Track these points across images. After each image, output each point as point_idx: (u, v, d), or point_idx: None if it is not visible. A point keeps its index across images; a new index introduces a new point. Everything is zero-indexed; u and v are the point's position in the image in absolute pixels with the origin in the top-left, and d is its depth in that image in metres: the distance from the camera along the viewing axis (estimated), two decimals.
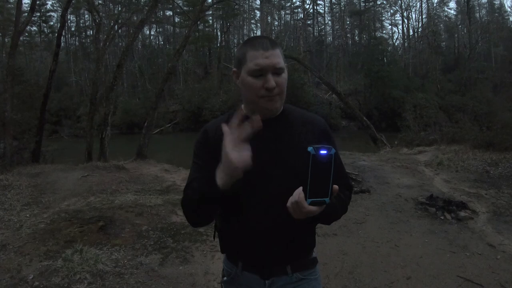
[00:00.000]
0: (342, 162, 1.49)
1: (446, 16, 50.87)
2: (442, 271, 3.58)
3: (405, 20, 46.24)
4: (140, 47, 45.03)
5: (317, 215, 1.16)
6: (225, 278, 1.46)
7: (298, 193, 1.13)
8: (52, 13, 47.82)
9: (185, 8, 37.31)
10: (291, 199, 1.15)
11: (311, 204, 1.12)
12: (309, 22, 52.33)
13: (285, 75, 1.31)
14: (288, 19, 54.49)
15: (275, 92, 1.28)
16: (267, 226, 1.28)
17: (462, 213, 5.07)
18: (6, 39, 33.90)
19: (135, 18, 23.09)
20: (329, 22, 54.09)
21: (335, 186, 1.12)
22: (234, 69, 1.36)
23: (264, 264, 1.36)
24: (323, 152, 1.09)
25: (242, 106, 1.40)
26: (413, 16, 53.43)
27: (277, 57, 1.28)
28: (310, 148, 1.09)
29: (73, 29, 49.12)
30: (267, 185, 1.29)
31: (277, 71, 1.28)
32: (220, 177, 1.16)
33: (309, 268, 1.42)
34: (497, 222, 4.91)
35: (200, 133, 1.42)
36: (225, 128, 1.14)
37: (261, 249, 1.32)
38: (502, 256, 3.87)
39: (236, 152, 1.11)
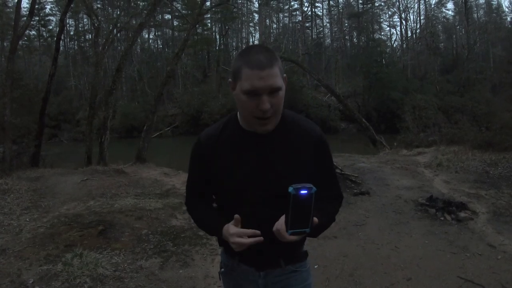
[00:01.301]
0: (335, 172, 1.53)
1: (444, 17, 50.99)
2: (442, 272, 3.57)
3: (403, 22, 46.31)
4: (139, 50, 45.05)
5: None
6: (222, 270, 1.56)
7: (281, 223, 1.23)
8: (51, 17, 47.90)
9: (183, 11, 37.38)
10: (276, 226, 1.25)
11: (292, 234, 1.22)
12: (307, 24, 52.34)
13: (281, 92, 1.27)
14: (287, 22, 54.47)
15: (269, 114, 1.25)
16: (262, 223, 1.31)
17: (462, 214, 5.07)
18: (5, 43, 33.94)
19: (134, 22, 23.11)
20: (328, 24, 54.07)
21: (315, 219, 1.22)
22: (230, 80, 1.33)
23: (259, 257, 1.43)
24: (303, 192, 1.16)
25: (238, 114, 1.42)
26: (411, 17, 53.73)
27: (273, 77, 1.22)
28: (290, 189, 1.16)
29: (72, 33, 49.10)
30: (262, 189, 1.34)
31: (272, 91, 1.23)
32: (225, 237, 1.35)
33: (300, 260, 1.51)
34: (497, 222, 4.91)
35: (194, 145, 1.46)
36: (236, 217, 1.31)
37: (257, 244, 1.36)
38: (502, 257, 3.87)
39: (237, 240, 1.29)
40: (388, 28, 53.06)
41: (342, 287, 3.41)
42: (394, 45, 49.34)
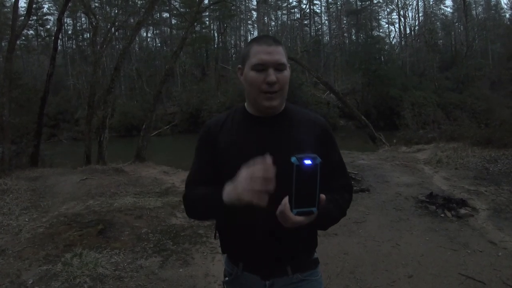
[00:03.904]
0: (343, 162, 1.47)
1: (442, 14, 51.01)
2: (443, 269, 3.57)
3: (402, 19, 46.38)
4: (137, 49, 44.98)
5: (312, 221, 1.15)
6: (226, 279, 1.47)
7: (285, 203, 1.12)
8: (49, 17, 47.77)
9: (181, 9, 37.32)
10: (279, 207, 1.14)
11: (297, 214, 1.10)
12: (306, 22, 52.36)
13: (287, 72, 1.33)
14: (285, 19, 54.44)
15: (275, 88, 1.30)
16: (267, 226, 1.26)
17: (462, 211, 5.06)
18: (3, 43, 33.81)
19: (132, 21, 23.04)
20: (326, 21, 54.10)
21: (323, 196, 1.11)
22: (239, 66, 1.40)
23: (264, 264, 1.36)
24: (307, 162, 1.05)
25: (245, 104, 1.43)
26: (410, 14, 53.56)
27: (279, 54, 1.31)
28: (293, 159, 1.06)
29: (70, 32, 49.00)
30: None
31: (278, 67, 1.30)
32: (228, 194, 1.17)
33: (310, 269, 1.42)
34: (497, 219, 4.91)
35: (202, 129, 1.47)
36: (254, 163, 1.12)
37: (261, 249, 1.32)
38: (503, 253, 3.86)
39: (247, 184, 1.10)
40: (387, 25, 53.11)
41: (343, 284, 3.40)
42: (393, 42, 49.31)
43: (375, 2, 50.45)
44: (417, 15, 47.30)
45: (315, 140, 1.35)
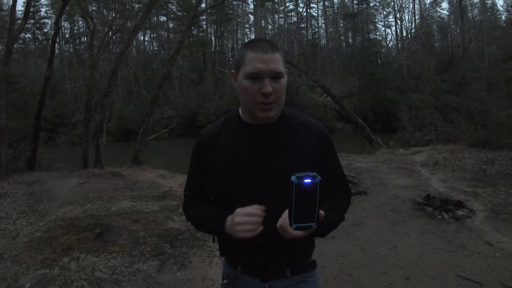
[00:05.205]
0: (341, 168, 1.46)
1: (439, 16, 51.20)
2: (441, 271, 3.57)
3: (398, 22, 46.55)
4: (135, 53, 44.97)
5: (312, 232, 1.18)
6: (225, 281, 1.46)
7: (284, 218, 1.14)
8: (46, 20, 47.89)
9: (179, 13, 37.36)
10: (279, 221, 1.17)
11: (296, 229, 1.12)
12: (302, 25, 52.43)
13: (284, 80, 1.27)
14: (282, 22, 54.63)
15: (271, 99, 1.24)
16: (266, 230, 1.25)
17: (460, 212, 5.07)
18: (0, 47, 33.80)
19: (129, 24, 23.06)
20: (323, 25, 54.26)
21: (322, 212, 1.13)
22: (233, 71, 1.34)
23: (263, 267, 1.36)
24: (307, 181, 1.07)
25: (240, 110, 1.40)
26: (406, 17, 53.63)
27: (276, 62, 1.24)
28: (293, 178, 1.07)
29: (67, 36, 49.07)
30: (265, 189, 1.28)
31: (275, 76, 1.24)
32: (227, 227, 1.26)
33: (308, 270, 1.42)
34: (494, 220, 4.92)
35: (197, 140, 1.44)
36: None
37: (260, 252, 1.31)
38: (500, 254, 3.87)
39: (242, 225, 1.20)
40: (383, 28, 53.32)
41: (340, 287, 3.40)
42: (390, 45, 49.56)
43: (372, 5, 50.69)
44: (413, 18, 47.56)
45: (313, 145, 1.33)
